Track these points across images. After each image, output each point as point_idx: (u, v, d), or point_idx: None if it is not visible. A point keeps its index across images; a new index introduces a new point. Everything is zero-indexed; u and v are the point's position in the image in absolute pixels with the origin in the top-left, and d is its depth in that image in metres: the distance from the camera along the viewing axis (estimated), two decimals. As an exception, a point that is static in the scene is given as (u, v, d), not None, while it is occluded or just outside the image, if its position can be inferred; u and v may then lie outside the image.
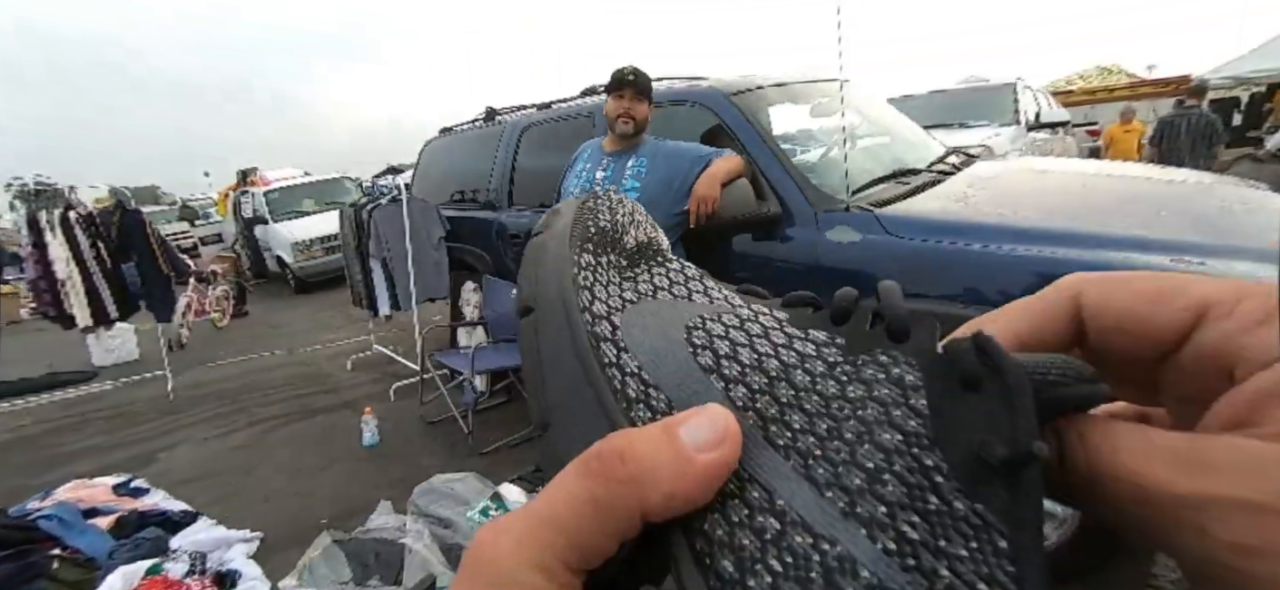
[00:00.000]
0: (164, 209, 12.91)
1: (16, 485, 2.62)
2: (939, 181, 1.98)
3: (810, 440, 0.14)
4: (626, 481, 0.13)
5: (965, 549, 0.11)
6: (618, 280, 0.20)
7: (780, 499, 0.13)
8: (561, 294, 0.18)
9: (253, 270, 8.63)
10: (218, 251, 9.00)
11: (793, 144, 2.35)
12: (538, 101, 3.07)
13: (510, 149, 2.99)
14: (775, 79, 2.36)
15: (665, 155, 1.85)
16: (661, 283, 0.20)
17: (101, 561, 1.91)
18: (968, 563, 0.11)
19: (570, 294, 0.18)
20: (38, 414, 3.81)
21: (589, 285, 0.19)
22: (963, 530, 0.12)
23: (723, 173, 1.78)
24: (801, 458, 0.13)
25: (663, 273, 0.21)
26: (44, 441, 3.32)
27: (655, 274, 0.21)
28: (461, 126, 3.58)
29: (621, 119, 1.84)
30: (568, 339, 0.17)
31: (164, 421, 3.41)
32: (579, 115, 2.66)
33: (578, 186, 1.93)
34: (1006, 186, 2.00)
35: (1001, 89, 5.32)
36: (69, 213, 3.35)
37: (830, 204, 1.78)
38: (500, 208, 3.00)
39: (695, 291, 0.20)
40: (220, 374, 4.26)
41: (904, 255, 1.59)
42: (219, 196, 11.14)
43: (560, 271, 0.19)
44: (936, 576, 0.11)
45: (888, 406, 0.14)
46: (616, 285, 0.20)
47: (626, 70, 1.85)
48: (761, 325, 0.17)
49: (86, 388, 4.25)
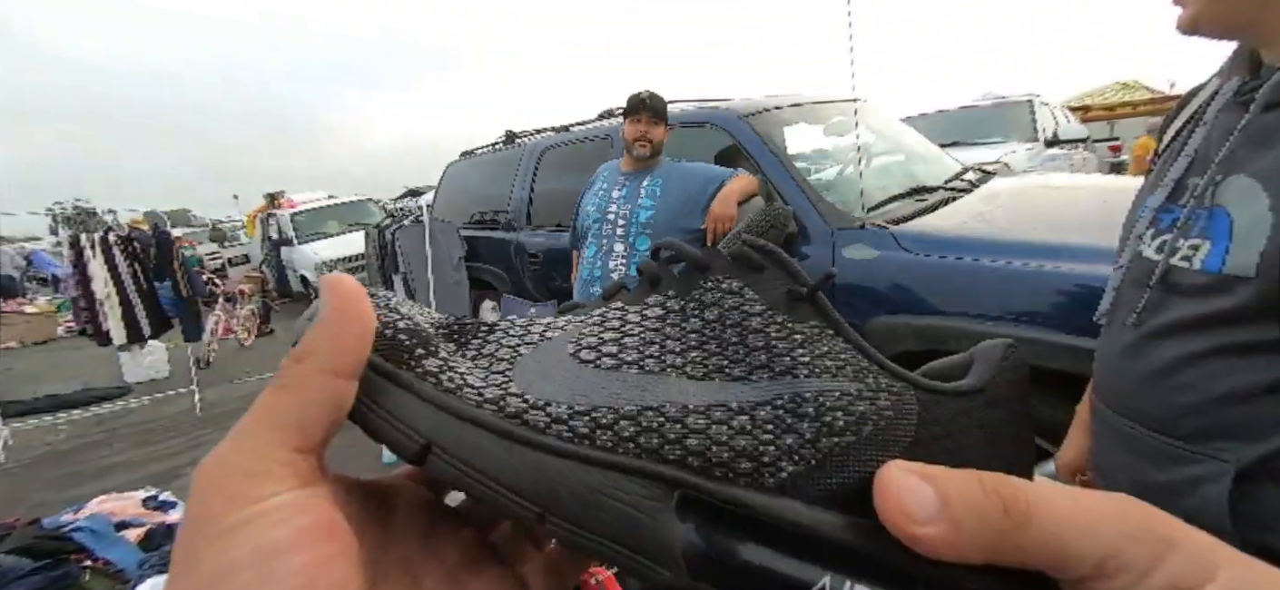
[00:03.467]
0: (195, 230, 13.34)
1: (50, 498, 2.71)
2: (955, 198, 1.98)
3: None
4: (298, 359, 0.16)
5: (806, 350, 0.19)
6: (467, 365, 0.18)
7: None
8: (447, 410, 0.17)
9: (278, 290, 8.85)
10: (245, 272, 9.25)
11: (808, 163, 2.38)
12: (556, 124, 3.14)
13: (529, 171, 3.06)
14: (790, 99, 2.39)
15: (680, 176, 1.89)
16: (509, 341, 0.19)
17: (131, 573, 1.96)
18: (806, 357, 0.18)
19: (455, 405, 0.17)
20: (71, 429, 3.93)
21: (456, 387, 0.17)
22: (797, 332, 0.19)
23: (737, 192, 1.81)
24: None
25: (497, 335, 0.20)
26: (76, 456, 3.42)
27: (493, 338, 0.20)
28: (482, 149, 3.67)
29: (639, 142, 1.89)
30: (487, 440, 0.17)
31: (192, 436, 3.50)
32: (596, 137, 2.72)
33: (595, 206, 1.97)
34: (1024, 203, 1.99)
35: (1018, 105, 5.30)
36: (108, 234, 3.50)
37: (846, 222, 1.79)
38: (519, 228, 3.06)
39: (542, 331, 0.20)
40: (245, 390, 4.36)
41: (921, 272, 1.59)
42: (247, 218, 11.49)
43: (427, 400, 0.17)
44: (797, 372, 0.18)
45: (733, 306, 0.20)
46: (472, 367, 0.18)
47: (644, 94, 1.90)
48: (616, 318, 0.21)
49: (118, 403, 4.38)
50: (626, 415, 0.17)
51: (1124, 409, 0.58)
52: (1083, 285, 1.33)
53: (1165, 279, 0.53)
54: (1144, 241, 0.58)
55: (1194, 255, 0.51)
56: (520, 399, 0.17)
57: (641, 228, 1.86)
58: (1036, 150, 4.75)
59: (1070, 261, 1.38)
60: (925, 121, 5.50)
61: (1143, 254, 0.57)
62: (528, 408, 0.17)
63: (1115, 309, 0.61)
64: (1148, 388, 0.54)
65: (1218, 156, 0.49)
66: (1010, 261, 1.46)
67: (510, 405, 0.17)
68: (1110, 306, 0.62)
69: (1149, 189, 0.62)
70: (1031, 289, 1.41)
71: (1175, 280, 0.52)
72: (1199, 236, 0.51)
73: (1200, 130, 0.54)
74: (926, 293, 1.57)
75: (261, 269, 9.26)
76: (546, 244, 2.85)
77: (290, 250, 8.42)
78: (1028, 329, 1.39)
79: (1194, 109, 0.60)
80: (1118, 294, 0.61)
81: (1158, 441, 0.54)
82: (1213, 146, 0.52)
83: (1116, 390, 0.59)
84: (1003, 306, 1.44)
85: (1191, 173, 0.54)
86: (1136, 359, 0.55)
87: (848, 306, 1.71)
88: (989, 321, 1.44)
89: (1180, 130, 0.61)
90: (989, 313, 1.46)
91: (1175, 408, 0.52)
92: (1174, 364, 0.51)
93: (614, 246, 1.90)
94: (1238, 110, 0.51)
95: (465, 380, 0.18)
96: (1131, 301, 0.57)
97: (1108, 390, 0.61)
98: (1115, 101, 10.79)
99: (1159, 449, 0.53)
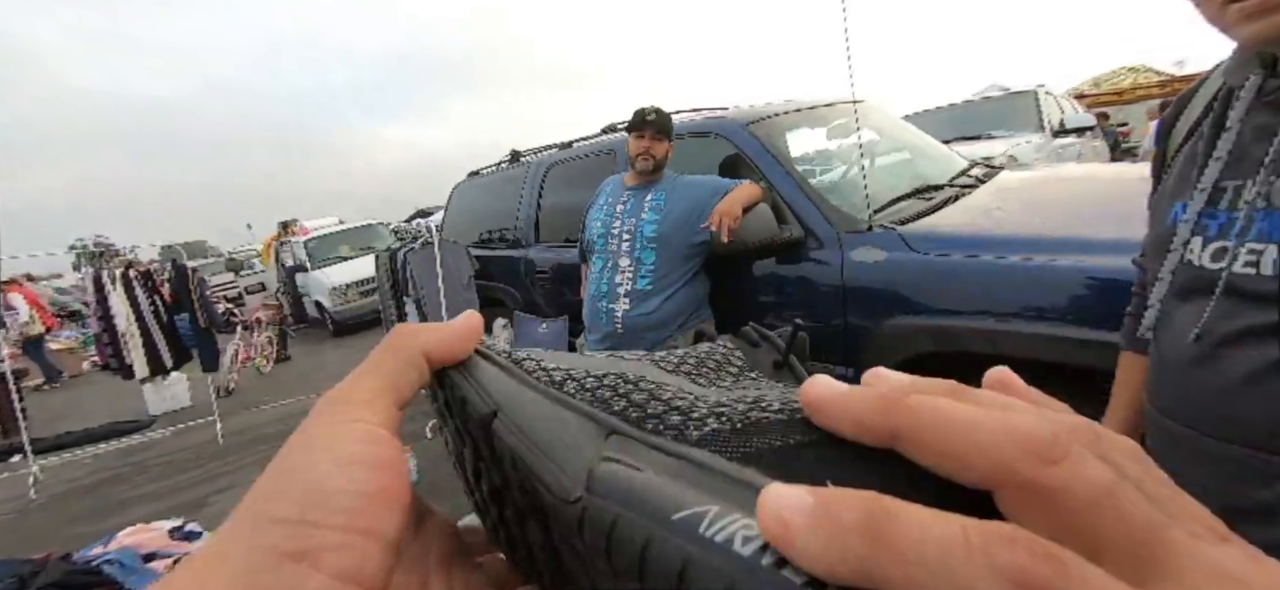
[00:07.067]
0: (211, 261, 13.59)
1: (80, 532, 2.76)
2: (963, 195, 1.96)
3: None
4: (408, 335, 0.20)
5: (766, 385, 0.23)
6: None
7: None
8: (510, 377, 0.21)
9: (293, 316, 8.98)
10: (262, 300, 9.41)
11: (812, 166, 2.38)
12: (560, 141, 3.18)
13: (535, 188, 3.09)
14: (791, 104, 2.40)
15: (683, 188, 1.90)
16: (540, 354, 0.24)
17: (159, 604, 1.99)
18: (764, 387, 0.22)
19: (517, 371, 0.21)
20: (97, 462, 4.00)
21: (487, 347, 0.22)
22: (766, 382, 0.23)
23: (742, 198, 1.81)
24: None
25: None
26: (103, 489, 3.49)
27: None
28: (488, 169, 3.72)
29: (641, 157, 1.91)
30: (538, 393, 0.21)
31: (214, 465, 3.55)
32: (600, 153, 2.74)
33: (600, 222, 1.99)
34: (1034, 196, 1.97)
35: (1022, 96, 5.25)
36: (129, 270, 3.59)
37: (852, 225, 1.79)
38: (527, 245, 3.09)
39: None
40: (265, 418, 4.42)
41: (930, 272, 1.58)
42: (262, 247, 11.69)
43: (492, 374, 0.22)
44: (748, 389, 0.22)
45: (729, 363, 0.25)
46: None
47: (647, 110, 1.92)
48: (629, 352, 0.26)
49: (142, 436, 4.47)
50: (595, 374, 0.21)
51: (1200, 425, 0.55)
52: (1099, 278, 1.30)
53: (1230, 287, 0.51)
54: (1191, 250, 0.55)
55: (1260, 260, 0.49)
56: (525, 355, 0.22)
57: (647, 242, 1.87)
58: (1045, 141, 4.70)
59: (1085, 254, 1.36)
60: (929, 118, 5.47)
61: (1193, 263, 0.55)
62: (527, 358, 0.22)
63: (1166, 322, 0.59)
64: (1228, 401, 0.52)
65: (1267, 158, 0.48)
66: (1025, 257, 1.44)
67: (517, 355, 0.22)
68: (1158, 320, 0.59)
69: (1171, 194, 0.59)
70: (1047, 284, 1.38)
71: (1241, 287, 0.50)
72: (1259, 240, 0.49)
73: (1228, 132, 0.52)
74: (939, 293, 1.55)
75: (278, 296, 9.41)
76: (555, 259, 2.87)
77: (305, 276, 8.55)
78: (1046, 325, 1.37)
79: (1203, 108, 0.59)
80: (1165, 306, 0.59)
81: (1246, 456, 0.51)
82: (1249, 148, 0.51)
83: (1187, 406, 0.56)
84: (1018, 303, 1.42)
85: (1228, 176, 0.53)
86: (1210, 371, 0.53)
87: (858, 310, 1.70)
88: (1004, 319, 1.42)
89: (1192, 130, 0.60)
90: (1004, 311, 1.43)
91: (1264, 420, 0.49)
92: (1256, 374, 0.49)
93: (620, 261, 1.91)
94: (1268, 111, 0.50)
95: (494, 342, 0.23)
96: (1190, 312, 0.55)
97: (1177, 406, 0.58)
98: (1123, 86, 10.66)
99: (1248, 465, 0.51)
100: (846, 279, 1.73)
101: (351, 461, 0.17)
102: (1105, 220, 1.47)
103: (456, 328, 0.21)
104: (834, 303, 1.75)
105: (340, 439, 0.17)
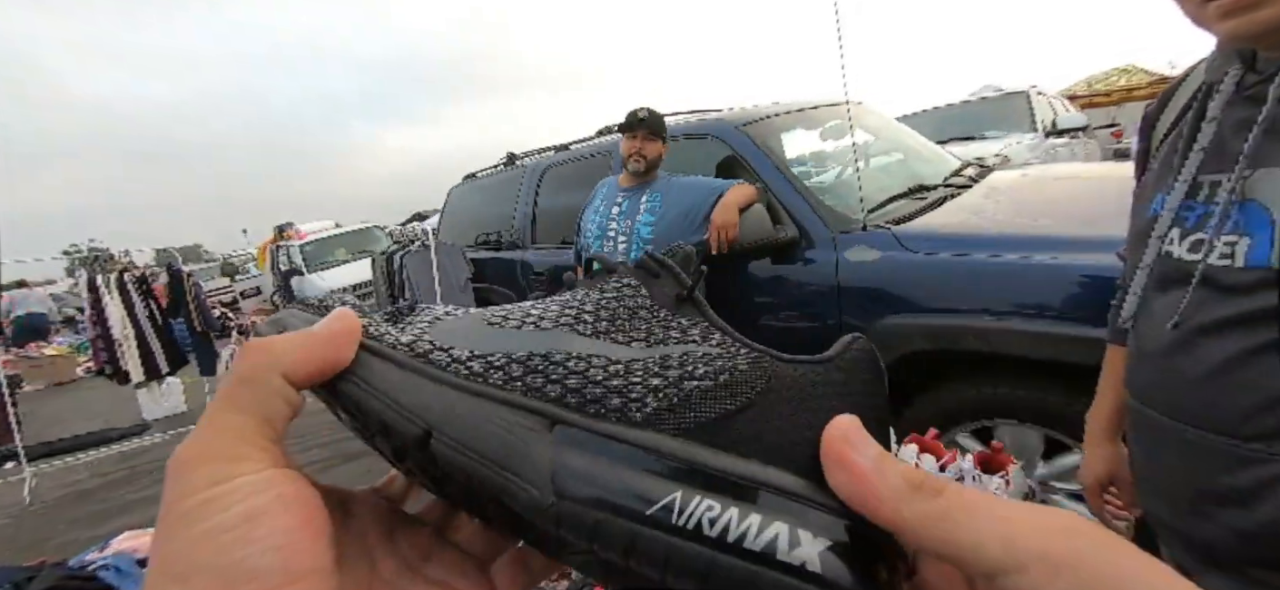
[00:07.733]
0: (206, 266, 13.53)
1: (76, 537, 2.75)
2: (956, 195, 1.98)
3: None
4: (258, 356, 0.17)
5: (679, 331, 0.22)
6: (397, 330, 0.21)
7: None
8: (367, 350, 0.19)
9: (289, 320, 8.93)
10: (257, 304, 9.37)
11: (806, 167, 2.39)
12: (556, 143, 3.19)
13: (531, 190, 3.10)
14: (786, 106, 2.41)
15: (679, 189, 1.91)
16: (436, 315, 0.22)
17: (156, 609, 1.98)
18: (678, 334, 0.22)
19: (374, 346, 0.19)
20: (92, 468, 3.98)
21: (380, 336, 0.20)
22: (674, 322, 0.22)
23: (737, 201, 1.82)
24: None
25: (425, 313, 0.23)
26: (99, 495, 3.47)
27: (424, 315, 0.23)
28: (485, 171, 3.72)
29: (633, 158, 1.92)
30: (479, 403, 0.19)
31: (210, 471, 3.53)
32: (595, 155, 2.76)
33: (595, 222, 2.00)
34: (1026, 195, 1.98)
35: (1015, 97, 5.30)
36: (124, 274, 3.58)
37: (847, 225, 1.80)
38: (524, 247, 3.09)
39: (466, 310, 0.23)
40: (261, 422, 4.40)
41: (925, 271, 1.59)
42: (258, 251, 11.65)
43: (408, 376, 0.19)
44: (668, 342, 0.21)
45: (638, 308, 0.23)
46: (401, 331, 0.21)
47: (639, 111, 1.93)
48: (532, 301, 0.24)
49: (138, 441, 4.44)
50: (517, 358, 0.20)
51: (1177, 413, 0.56)
52: (1091, 276, 1.32)
53: (1206, 277, 0.52)
54: (1170, 241, 0.56)
55: (1235, 251, 0.50)
56: (429, 343, 0.20)
57: (644, 243, 1.88)
58: (1037, 141, 4.74)
59: (1076, 252, 1.38)
60: (923, 118, 5.51)
61: (1171, 254, 0.56)
62: (433, 349, 0.19)
63: (1145, 311, 0.60)
64: (1204, 389, 0.53)
65: (1244, 151, 0.49)
66: (1016, 256, 1.45)
67: (420, 347, 0.19)
68: (1138, 309, 0.60)
69: (1153, 187, 0.60)
70: (1039, 282, 1.40)
71: (1217, 278, 0.51)
72: (1234, 232, 0.50)
73: (1207, 126, 0.53)
74: (932, 292, 1.57)
75: (273, 300, 9.37)
76: (552, 261, 2.88)
77: (301, 280, 8.52)
78: (1037, 323, 1.38)
79: (1185, 103, 0.59)
80: (1144, 296, 0.60)
81: (1222, 444, 0.52)
82: (1228, 142, 0.52)
83: (1165, 393, 0.57)
84: (1011, 301, 1.43)
85: (1206, 170, 0.53)
86: (1186, 360, 0.54)
87: (853, 309, 1.71)
88: (998, 317, 1.44)
89: (1174, 125, 0.60)
90: (997, 308, 1.45)
91: (1239, 408, 0.50)
92: (1231, 362, 0.50)
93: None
94: (1246, 104, 0.51)
95: (387, 332, 0.20)
96: (1168, 303, 0.56)
97: (1153, 394, 0.59)
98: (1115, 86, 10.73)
99: (1224, 452, 0.52)
100: (841, 279, 1.74)
101: (257, 517, 0.15)
102: (1096, 218, 1.48)
103: (319, 334, 0.18)
104: (829, 302, 1.77)
105: (237, 498, 0.15)
